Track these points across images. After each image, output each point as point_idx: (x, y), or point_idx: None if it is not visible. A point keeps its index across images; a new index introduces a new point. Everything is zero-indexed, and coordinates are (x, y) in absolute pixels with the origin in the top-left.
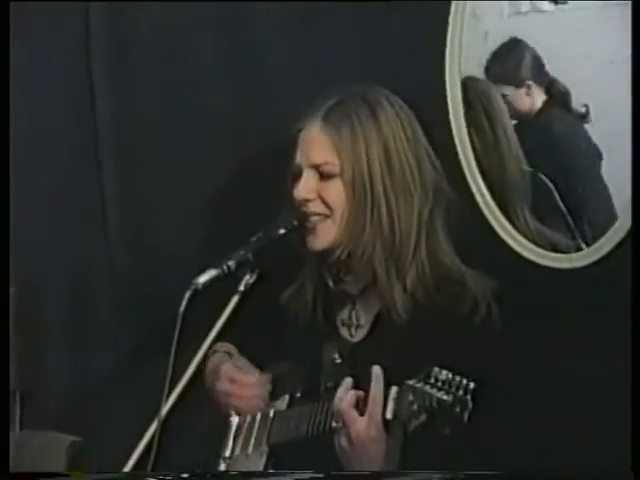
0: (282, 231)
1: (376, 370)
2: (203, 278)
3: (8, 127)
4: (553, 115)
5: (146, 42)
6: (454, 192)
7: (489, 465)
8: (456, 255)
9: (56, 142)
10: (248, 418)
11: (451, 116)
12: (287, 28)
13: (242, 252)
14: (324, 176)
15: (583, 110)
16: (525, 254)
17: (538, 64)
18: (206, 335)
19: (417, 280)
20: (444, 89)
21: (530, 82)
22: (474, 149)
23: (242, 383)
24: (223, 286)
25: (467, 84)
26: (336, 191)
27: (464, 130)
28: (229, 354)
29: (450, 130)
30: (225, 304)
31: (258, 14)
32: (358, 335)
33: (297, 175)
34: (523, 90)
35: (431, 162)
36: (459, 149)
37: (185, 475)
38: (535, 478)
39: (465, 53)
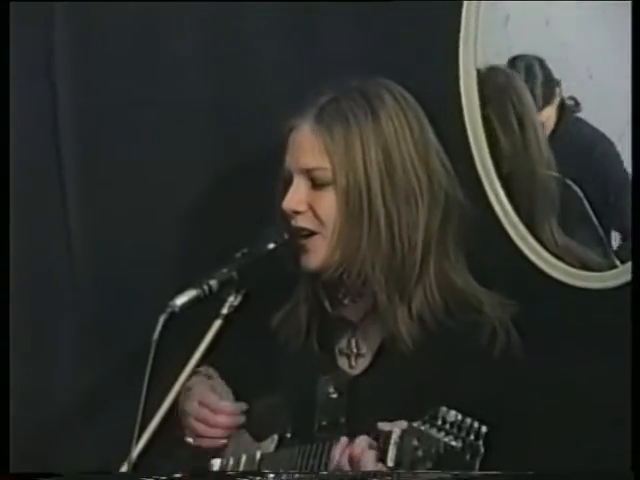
0: (271, 246)
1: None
2: (181, 300)
3: (8, 127)
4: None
5: (114, 37)
6: (468, 201)
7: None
8: (470, 275)
9: (16, 143)
10: (231, 461)
11: (465, 113)
12: (279, 19)
13: (226, 270)
14: (316, 184)
15: (571, 102)
16: (551, 272)
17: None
18: (184, 366)
19: (424, 305)
20: (457, 81)
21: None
22: (495, 151)
23: (212, 408)
24: (204, 309)
25: (485, 75)
26: (328, 202)
27: (480, 129)
28: (208, 376)
29: (465, 129)
30: (206, 330)
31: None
32: (359, 366)
33: (287, 181)
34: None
35: (442, 166)
36: (474, 151)
37: (178, 475)
38: (535, 478)
39: (482, 40)
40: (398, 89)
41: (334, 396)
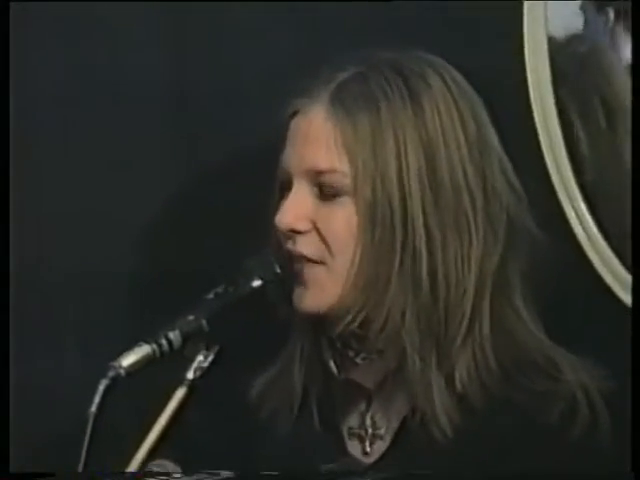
0: (256, 283)
1: None
2: (128, 360)
3: (8, 127)
4: None
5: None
6: (541, 228)
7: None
8: (543, 329)
9: None
10: None
11: (534, 104)
12: None
13: (192, 317)
14: (326, 193)
15: None
16: None
17: None
18: (135, 450)
19: (473, 371)
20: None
21: None
22: (575, 154)
23: None
24: (161, 372)
25: (561, 47)
26: (342, 220)
27: (554, 124)
28: (167, 475)
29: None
30: (165, 401)
31: None
32: (375, 452)
33: (284, 188)
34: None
35: (506, 180)
36: (546, 155)
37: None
38: (535, 478)
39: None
40: (447, 68)
41: None
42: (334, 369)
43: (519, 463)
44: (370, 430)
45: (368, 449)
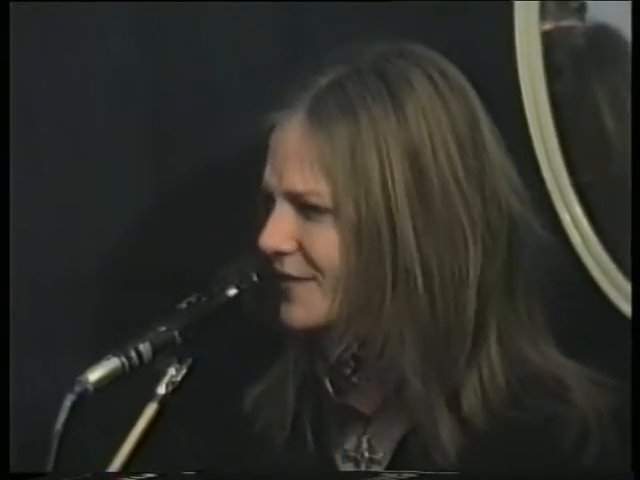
0: (232, 292)
1: None
2: (95, 374)
3: (8, 127)
4: None
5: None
6: (550, 233)
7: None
8: (553, 343)
9: None
10: None
11: (525, 97)
12: None
13: (163, 328)
14: (308, 213)
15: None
16: None
17: None
18: (104, 469)
19: (480, 392)
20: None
21: None
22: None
23: None
24: (131, 387)
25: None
26: (327, 240)
27: (547, 120)
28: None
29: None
30: (135, 418)
31: None
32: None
33: (268, 204)
34: None
35: (507, 179)
36: (539, 153)
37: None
38: (535, 478)
39: None
40: (437, 63)
41: None
42: (330, 390)
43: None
44: (366, 454)
45: None
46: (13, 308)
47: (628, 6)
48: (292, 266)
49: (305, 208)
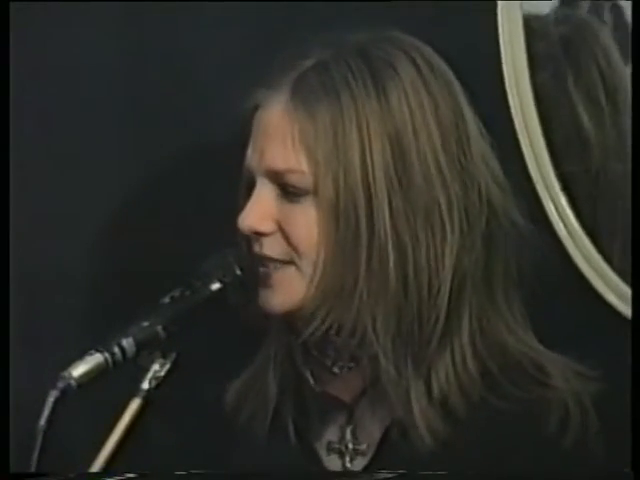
0: (215, 286)
1: None
2: (78, 370)
3: (8, 127)
4: None
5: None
6: (528, 221)
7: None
8: (531, 331)
9: None
10: None
11: (508, 84)
12: None
13: (146, 323)
14: (289, 193)
15: None
16: None
17: None
18: (88, 466)
19: (452, 378)
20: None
21: None
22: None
23: None
24: (115, 382)
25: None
26: (306, 220)
27: (530, 109)
28: None
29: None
30: (120, 413)
31: None
32: (356, 467)
33: (249, 187)
34: None
35: (487, 168)
36: (522, 138)
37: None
38: (535, 477)
39: None
40: (420, 49)
41: None
42: (311, 380)
43: (507, 471)
44: (351, 445)
45: (349, 465)
46: None
47: None
48: (271, 248)
49: (285, 188)
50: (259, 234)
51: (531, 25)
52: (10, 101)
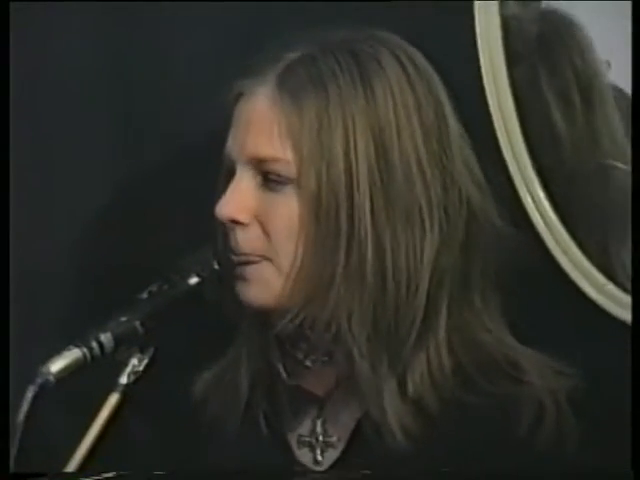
0: (193, 280)
1: None
2: (57, 365)
3: (8, 127)
4: None
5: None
6: (506, 221)
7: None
8: (507, 329)
9: None
10: None
11: (486, 81)
12: None
13: (124, 318)
14: (270, 183)
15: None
16: (619, 314)
17: None
18: (65, 462)
19: (426, 377)
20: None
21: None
22: (538, 140)
23: None
24: (93, 377)
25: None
26: (286, 212)
27: (509, 105)
28: None
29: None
30: (98, 408)
31: None
32: (327, 460)
33: (228, 176)
34: None
35: (468, 169)
36: (500, 135)
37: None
38: (535, 477)
39: None
40: (405, 48)
41: None
42: (283, 373)
43: (481, 471)
44: (321, 438)
45: (320, 458)
46: None
47: None
48: (247, 241)
49: (267, 176)
50: (237, 223)
51: (509, 23)
52: (10, 101)
